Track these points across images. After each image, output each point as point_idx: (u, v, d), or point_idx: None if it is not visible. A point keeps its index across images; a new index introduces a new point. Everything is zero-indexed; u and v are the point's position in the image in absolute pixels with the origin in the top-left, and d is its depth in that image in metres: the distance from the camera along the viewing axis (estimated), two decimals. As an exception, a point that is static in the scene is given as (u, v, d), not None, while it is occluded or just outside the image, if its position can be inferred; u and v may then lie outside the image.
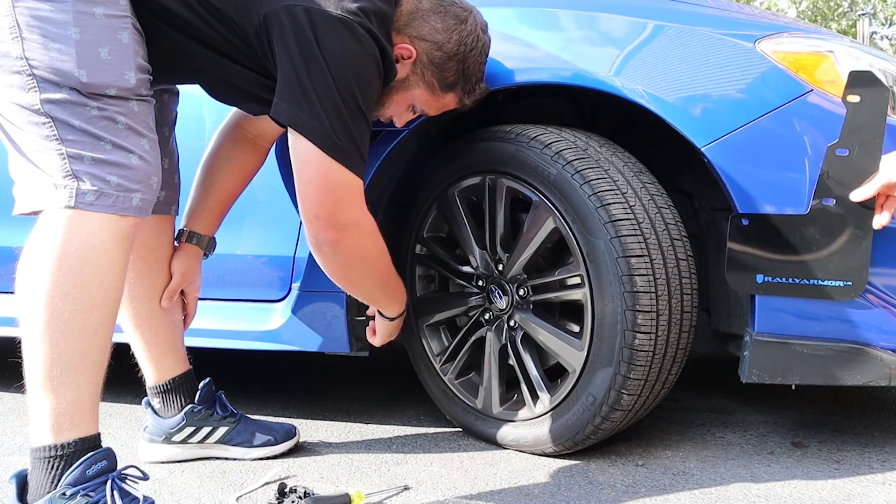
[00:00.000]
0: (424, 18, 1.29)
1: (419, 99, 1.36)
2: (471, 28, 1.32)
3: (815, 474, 1.38)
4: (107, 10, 1.08)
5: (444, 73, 1.33)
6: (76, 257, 1.05)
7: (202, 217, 1.52)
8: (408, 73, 1.32)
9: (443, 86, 1.34)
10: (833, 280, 1.27)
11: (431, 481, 1.39)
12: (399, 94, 1.34)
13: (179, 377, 1.51)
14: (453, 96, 1.38)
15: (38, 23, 1.04)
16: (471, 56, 1.33)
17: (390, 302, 1.49)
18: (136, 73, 1.11)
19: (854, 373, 1.32)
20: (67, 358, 1.05)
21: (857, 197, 1.25)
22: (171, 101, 1.46)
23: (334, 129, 1.16)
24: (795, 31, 1.41)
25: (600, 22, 1.44)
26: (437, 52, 1.30)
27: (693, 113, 1.32)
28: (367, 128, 1.22)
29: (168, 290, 1.47)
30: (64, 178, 1.05)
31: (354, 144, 1.19)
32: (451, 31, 1.30)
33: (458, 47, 1.31)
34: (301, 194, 1.22)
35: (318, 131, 1.16)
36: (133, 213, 1.10)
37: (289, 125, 1.18)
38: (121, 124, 1.09)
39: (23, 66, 1.04)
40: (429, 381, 1.69)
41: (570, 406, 1.41)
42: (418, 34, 1.29)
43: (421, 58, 1.31)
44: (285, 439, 1.55)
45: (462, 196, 1.56)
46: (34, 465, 1.06)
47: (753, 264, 1.31)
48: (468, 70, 1.34)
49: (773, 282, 1.30)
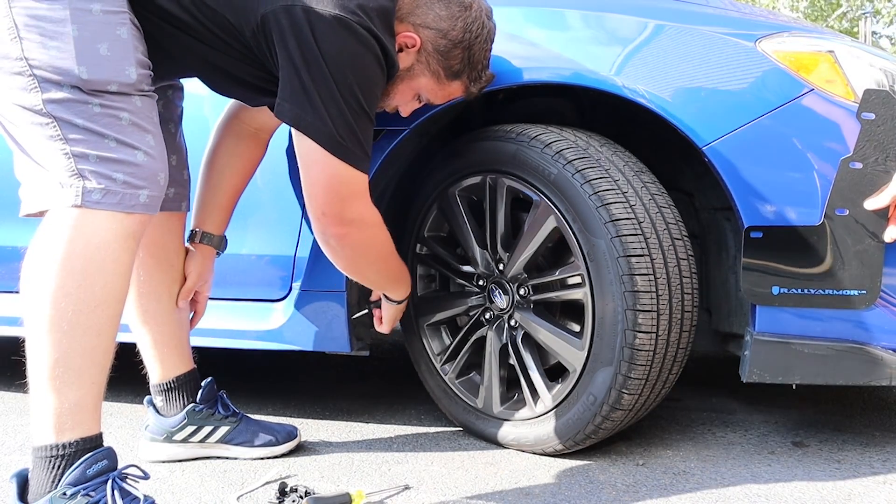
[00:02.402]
0: (428, 6, 1.27)
1: (425, 88, 1.34)
2: (476, 14, 1.30)
3: (815, 474, 1.38)
4: (104, 6, 1.08)
5: (449, 60, 1.30)
6: (81, 257, 1.05)
7: (213, 216, 1.52)
8: (412, 62, 1.30)
9: (448, 74, 1.32)
10: (848, 290, 1.27)
11: (432, 481, 1.39)
12: (404, 84, 1.32)
13: (183, 376, 1.51)
14: (459, 84, 1.35)
15: (36, 22, 1.04)
16: (476, 43, 1.30)
17: (396, 286, 1.51)
18: (136, 68, 1.10)
19: (855, 372, 1.32)
20: (71, 358, 1.05)
21: (870, 206, 1.26)
22: (175, 96, 1.45)
23: (337, 129, 1.17)
24: (796, 30, 1.40)
25: (601, 21, 1.44)
26: (442, 39, 1.28)
27: (694, 112, 1.32)
28: (371, 124, 1.23)
29: (183, 291, 1.49)
30: (70, 178, 1.05)
31: (358, 142, 1.20)
32: (455, 18, 1.28)
33: (463, 34, 1.28)
34: (308, 193, 1.24)
35: (321, 132, 1.17)
36: (140, 210, 1.09)
37: (293, 125, 1.19)
38: (124, 121, 1.09)
39: (23, 66, 1.04)
40: (429, 380, 1.69)
41: (571, 405, 1.41)
42: (422, 22, 1.27)
43: (426, 46, 1.28)
44: (286, 440, 1.55)
45: (463, 195, 1.57)
46: (35, 464, 1.06)
47: (768, 277, 1.31)
48: (474, 57, 1.32)
49: (789, 293, 1.30)
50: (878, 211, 1.26)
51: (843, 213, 1.27)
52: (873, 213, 1.27)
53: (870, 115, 1.25)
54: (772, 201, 1.29)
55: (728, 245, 1.53)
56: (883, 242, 1.27)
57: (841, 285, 1.27)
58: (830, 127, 1.28)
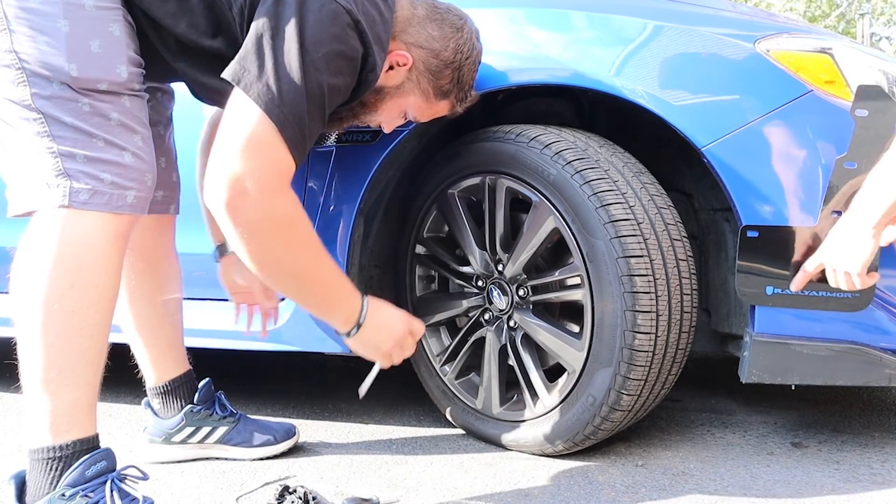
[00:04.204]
0: (421, 25, 1.27)
1: (413, 106, 1.34)
2: (467, 36, 1.31)
3: (814, 475, 1.38)
4: (97, 2, 1.06)
5: (439, 80, 1.31)
6: (72, 258, 1.04)
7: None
8: (403, 80, 1.29)
9: (437, 93, 1.32)
10: (841, 292, 1.27)
11: (431, 482, 1.39)
12: (393, 101, 1.32)
13: (179, 378, 1.51)
14: (446, 103, 1.36)
15: (27, 14, 1.02)
16: (466, 64, 1.31)
17: (324, 307, 1.19)
18: (127, 66, 1.09)
19: (854, 373, 1.32)
20: (64, 359, 1.04)
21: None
22: (164, 98, 1.43)
23: (283, 95, 1.03)
24: (795, 31, 1.40)
25: (600, 22, 1.44)
26: (434, 59, 1.28)
27: (693, 113, 1.32)
28: (321, 123, 1.10)
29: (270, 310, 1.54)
30: (56, 178, 1.04)
31: (300, 121, 1.05)
32: (448, 38, 1.28)
33: (454, 55, 1.29)
34: (213, 153, 1.04)
35: (260, 91, 1.02)
36: (128, 210, 1.09)
37: (232, 81, 1.04)
38: (113, 121, 1.08)
39: (12, 59, 1.03)
40: (429, 381, 1.69)
41: (570, 406, 1.41)
42: (415, 41, 1.27)
43: (417, 65, 1.28)
44: (285, 438, 1.55)
45: (462, 196, 1.56)
46: (32, 466, 1.06)
47: (763, 277, 1.31)
48: (463, 78, 1.33)
49: (783, 294, 1.30)
50: None
51: (838, 216, 1.27)
52: None
53: (863, 111, 1.25)
54: (771, 202, 1.29)
55: (727, 246, 1.53)
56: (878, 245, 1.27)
57: (835, 287, 1.27)
58: (830, 128, 1.28)
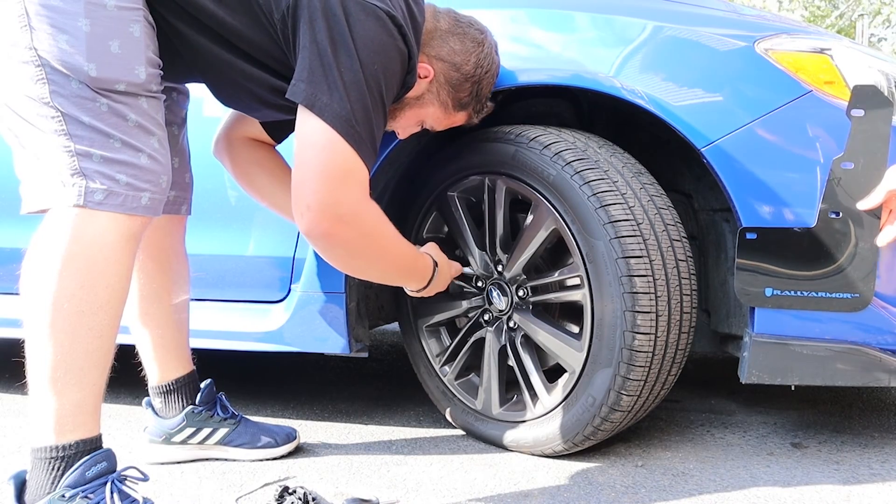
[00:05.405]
0: (443, 39, 1.30)
1: (431, 116, 1.36)
2: (487, 51, 1.33)
3: (814, 475, 1.38)
4: (119, 2, 1.06)
5: (459, 93, 1.33)
6: (83, 258, 1.04)
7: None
8: (424, 92, 1.32)
9: (456, 105, 1.35)
10: (841, 292, 1.27)
11: (431, 482, 1.39)
12: (412, 111, 1.34)
13: (183, 378, 1.51)
14: (464, 115, 1.39)
15: (48, 12, 1.02)
16: (485, 78, 1.34)
17: (409, 278, 1.42)
18: (146, 67, 1.09)
19: (854, 373, 1.32)
20: (72, 359, 1.04)
21: (863, 206, 1.26)
22: (180, 99, 1.44)
23: (355, 113, 1.11)
24: (794, 31, 1.41)
25: (600, 23, 1.44)
26: (455, 72, 1.31)
27: (692, 114, 1.32)
28: (385, 121, 1.19)
29: None
30: (72, 176, 1.04)
31: (371, 134, 1.15)
32: (469, 52, 1.31)
33: (475, 69, 1.32)
34: (298, 179, 1.14)
35: (337, 114, 1.10)
36: (142, 212, 1.09)
37: (305, 105, 1.12)
38: (131, 121, 1.08)
39: (32, 56, 1.03)
40: (428, 381, 1.69)
41: (570, 407, 1.41)
42: (437, 54, 1.30)
43: (438, 77, 1.31)
44: (285, 442, 1.55)
45: (461, 197, 1.57)
46: (34, 465, 1.06)
47: (762, 278, 1.31)
48: (481, 91, 1.36)
49: (782, 295, 1.31)
50: (871, 211, 1.26)
51: (836, 216, 1.27)
52: (867, 215, 1.26)
53: (859, 111, 1.25)
54: (771, 203, 1.29)
55: (727, 246, 1.53)
56: (877, 245, 1.27)
57: (833, 288, 1.27)
58: (830, 128, 1.28)
